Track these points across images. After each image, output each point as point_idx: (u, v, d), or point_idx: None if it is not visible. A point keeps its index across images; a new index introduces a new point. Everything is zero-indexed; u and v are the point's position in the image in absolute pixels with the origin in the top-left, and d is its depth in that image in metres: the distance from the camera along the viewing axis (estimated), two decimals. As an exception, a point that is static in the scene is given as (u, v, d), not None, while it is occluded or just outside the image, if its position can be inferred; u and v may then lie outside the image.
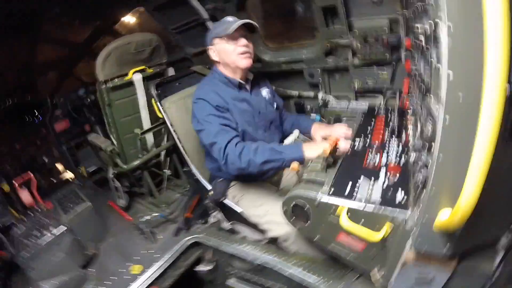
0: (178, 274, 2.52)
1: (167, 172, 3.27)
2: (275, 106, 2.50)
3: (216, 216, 2.56)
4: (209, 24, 2.99)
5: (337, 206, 1.41)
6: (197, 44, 3.25)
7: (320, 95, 3.02)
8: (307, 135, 2.49)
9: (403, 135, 2.00)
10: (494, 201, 0.79)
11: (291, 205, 1.59)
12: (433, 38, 0.96)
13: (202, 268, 2.58)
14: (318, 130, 2.40)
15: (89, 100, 3.88)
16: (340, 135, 2.04)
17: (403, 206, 1.30)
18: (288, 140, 2.30)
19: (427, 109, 1.01)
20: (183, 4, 2.90)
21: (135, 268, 2.45)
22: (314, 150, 1.82)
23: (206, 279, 2.70)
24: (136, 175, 3.25)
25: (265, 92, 2.45)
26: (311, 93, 3.11)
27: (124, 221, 3.13)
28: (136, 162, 2.92)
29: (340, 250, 1.54)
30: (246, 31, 2.15)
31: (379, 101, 2.86)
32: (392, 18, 2.40)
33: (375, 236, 1.30)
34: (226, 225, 2.52)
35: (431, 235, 1.07)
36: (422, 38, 1.27)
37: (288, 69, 3.06)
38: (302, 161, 1.83)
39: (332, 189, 1.49)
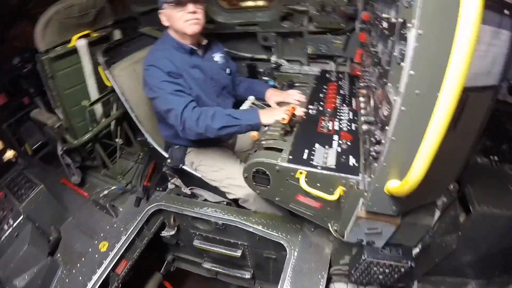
0: (145, 243, 2.59)
1: (119, 141, 3.12)
2: (227, 71, 2.52)
3: (174, 182, 2.63)
4: None
5: (295, 171, 1.58)
6: (145, 2, 3.08)
7: (273, 58, 3.11)
8: (261, 100, 2.56)
9: (353, 103, 2.25)
10: (435, 174, 1.02)
11: (252, 171, 1.73)
12: (399, 34, 1.11)
13: (167, 233, 2.69)
14: (273, 96, 2.48)
15: (25, 69, 3.43)
16: (295, 102, 2.23)
17: (354, 171, 1.53)
18: (244, 106, 2.33)
19: (385, 94, 1.20)
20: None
21: (102, 245, 2.43)
22: (270, 116, 1.93)
23: (171, 242, 2.86)
24: (87, 148, 3.10)
25: (218, 56, 2.45)
26: (264, 56, 3.18)
27: (81, 198, 3.03)
28: (87, 136, 2.74)
29: (299, 208, 1.76)
30: None
31: (330, 67, 3.08)
32: (351, -11, 2.55)
33: (330, 198, 1.53)
34: (186, 190, 2.61)
35: (381, 199, 1.33)
36: (385, 24, 1.44)
37: (242, 32, 3.06)
38: (258, 127, 1.95)
39: (291, 156, 1.65)
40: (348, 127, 1.92)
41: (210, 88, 2.35)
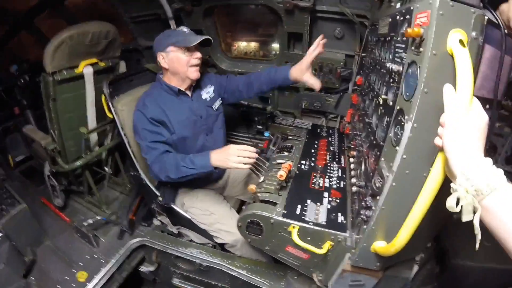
0: (124, 277, 2.57)
1: (109, 171, 3.16)
2: (215, 106, 2.56)
3: (161, 220, 2.66)
4: (172, 23, 3.01)
5: (288, 225, 1.71)
6: (150, 38, 3.15)
7: (269, 108, 3.33)
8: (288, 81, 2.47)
9: (342, 160, 2.44)
10: (416, 237, 1.19)
11: (247, 221, 1.84)
12: (395, 119, 1.32)
13: (146, 268, 2.69)
14: (300, 72, 2.38)
15: (22, 80, 3.44)
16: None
17: (343, 228, 1.68)
18: None
19: (379, 168, 1.39)
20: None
21: (81, 275, 2.38)
22: (222, 160, 2.03)
23: (149, 278, 2.84)
24: (75, 173, 3.07)
25: (205, 94, 2.51)
26: (259, 105, 3.40)
27: (62, 222, 2.96)
28: (79, 163, 2.75)
29: (287, 258, 1.87)
30: (198, 44, 2.22)
31: (321, 122, 3.32)
32: (349, 54, 2.89)
33: (319, 251, 1.65)
34: (172, 229, 2.65)
35: (367, 256, 1.49)
36: (381, 101, 1.65)
37: None
38: (212, 170, 2.10)
39: (285, 211, 1.78)
40: (337, 185, 2.09)
41: (200, 128, 2.43)
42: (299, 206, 1.81)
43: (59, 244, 2.74)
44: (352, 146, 2.27)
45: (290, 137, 2.80)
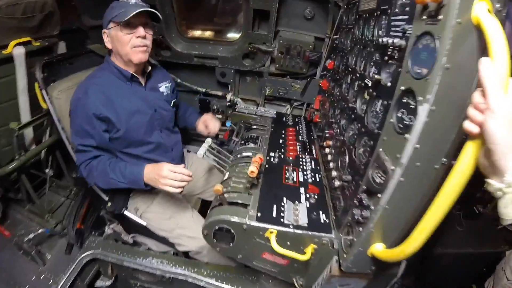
0: None
1: (49, 173, 2.76)
2: (172, 103, 2.38)
3: (114, 228, 2.35)
4: None
5: (265, 230, 1.51)
6: (98, 16, 2.83)
7: (229, 96, 3.08)
8: (193, 129, 2.57)
9: (313, 151, 2.30)
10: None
11: (214, 228, 1.61)
12: (398, 102, 1.15)
13: (102, 283, 2.35)
14: (202, 123, 2.50)
15: None
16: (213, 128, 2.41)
17: (327, 229, 1.52)
18: (200, 151, 2.11)
19: (379, 160, 1.22)
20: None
21: None
22: (155, 178, 1.87)
23: None
24: (10, 178, 2.65)
25: (163, 87, 2.32)
26: (219, 92, 3.13)
27: (1, 237, 2.59)
28: (12, 165, 2.37)
29: (263, 266, 1.68)
30: (148, 18, 1.99)
31: (285, 110, 3.15)
32: (319, 37, 2.70)
33: (302, 258, 1.48)
34: (127, 238, 2.35)
35: (362, 260, 1.32)
36: (368, 83, 1.50)
37: (199, 64, 2.98)
38: (144, 187, 1.94)
39: (260, 213, 1.57)
40: (313, 178, 1.93)
41: (153, 122, 2.18)
42: (274, 207, 1.62)
43: (1, 264, 2.38)
44: (327, 135, 2.11)
45: (254, 127, 2.61)
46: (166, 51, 2.92)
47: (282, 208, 1.62)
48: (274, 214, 1.57)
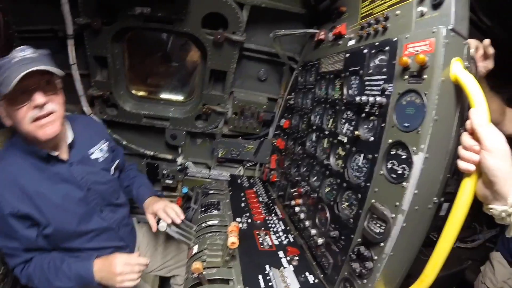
0: None
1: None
2: (112, 169, 2.08)
3: None
4: (70, 44, 2.38)
5: None
6: None
7: (180, 159, 3.05)
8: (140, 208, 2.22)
9: (277, 211, 2.38)
10: None
11: None
12: (386, 155, 1.30)
13: None
14: (150, 206, 2.11)
15: None
16: (166, 218, 2.00)
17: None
18: (163, 224, 1.99)
19: (376, 211, 1.32)
20: (51, 2, 2.23)
21: None
22: (109, 276, 1.70)
23: None
24: None
25: (97, 151, 1.99)
26: (168, 156, 3.07)
27: None
28: None
29: None
30: (48, 74, 1.59)
31: (238, 171, 3.22)
32: (272, 97, 2.91)
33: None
34: None
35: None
36: (344, 139, 1.67)
37: (148, 125, 2.90)
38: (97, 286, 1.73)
39: None
40: (287, 240, 1.99)
41: (88, 205, 1.86)
42: (260, 277, 1.60)
43: None
44: (295, 194, 2.20)
45: (212, 192, 2.60)
46: (113, 109, 2.80)
47: (269, 277, 1.60)
48: (262, 286, 1.55)
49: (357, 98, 1.48)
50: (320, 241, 1.72)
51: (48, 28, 2.39)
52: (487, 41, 1.35)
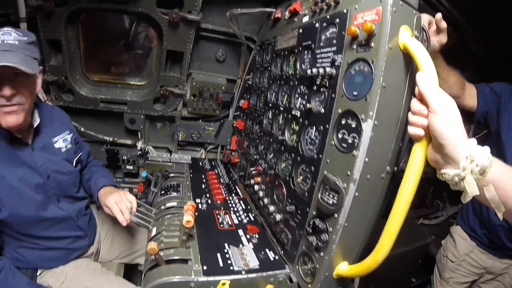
0: None
1: None
2: (74, 161, 1.98)
3: None
4: (22, 26, 2.19)
5: (216, 283, 1.42)
6: None
7: (140, 144, 2.92)
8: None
9: (238, 191, 2.35)
10: None
11: None
12: (337, 124, 1.26)
13: None
14: (104, 197, 1.92)
15: None
16: (117, 213, 1.82)
17: (280, 265, 1.53)
18: None
19: (329, 182, 1.29)
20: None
21: None
22: None
23: None
24: None
25: (61, 141, 1.90)
26: (128, 141, 2.94)
27: None
28: None
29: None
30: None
31: (200, 154, 3.14)
32: (230, 79, 2.84)
33: (263, 303, 1.42)
34: None
35: (330, 285, 1.33)
36: (297, 113, 1.64)
37: (105, 110, 2.74)
38: None
39: (205, 267, 1.47)
40: (247, 218, 1.95)
41: (46, 193, 1.76)
42: (219, 256, 1.55)
43: None
44: (253, 172, 2.16)
45: (172, 175, 2.51)
46: (69, 95, 2.62)
47: (228, 255, 1.56)
48: (221, 264, 1.50)
49: (309, 71, 1.44)
50: (278, 217, 1.69)
51: (2, 12, 2.21)
52: (439, 15, 1.35)
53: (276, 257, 1.59)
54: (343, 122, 1.24)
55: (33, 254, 1.78)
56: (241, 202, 2.17)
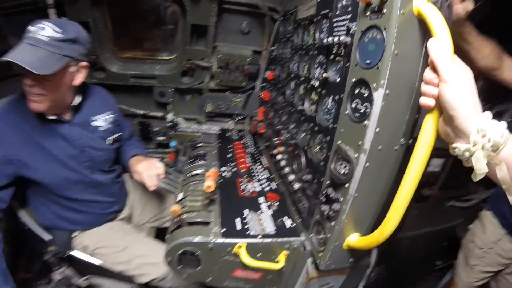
0: None
1: None
2: (109, 140, 2.05)
3: (63, 273, 2.09)
4: (51, 13, 2.31)
5: (233, 245, 1.48)
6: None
7: (170, 116, 3.02)
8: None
9: (263, 160, 2.36)
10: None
11: (178, 253, 1.52)
12: (351, 93, 1.23)
13: None
14: (135, 165, 2.05)
15: None
16: (148, 180, 1.93)
17: (295, 233, 1.56)
18: None
19: (341, 152, 1.28)
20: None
21: None
22: None
23: None
24: None
25: (100, 120, 1.98)
26: (158, 114, 3.05)
27: None
28: None
29: (236, 284, 1.62)
30: None
31: (228, 125, 3.19)
32: (256, 50, 2.82)
33: (277, 266, 1.48)
34: (79, 281, 2.10)
35: (339, 255, 1.35)
36: (315, 83, 1.61)
37: (136, 85, 2.86)
38: None
39: (224, 229, 1.54)
40: (270, 187, 1.97)
41: (79, 165, 1.88)
42: (238, 220, 1.61)
43: None
44: (277, 142, 2.18)
45: (200, 145, 2.58)
46: (100, 72, 2.75)
47: (246, 220, 1.61)
48: (239, 228, 1.55)
49: (325, 41, 1.41)
50: (297, 186, 1.71)
51: (29, 1, 2.29)
52: None
53: (293, 225, 1.61)
54: (356, 91, 1.20)
55: (69, 217, 1.96)
56: (265, 171, 2.19)
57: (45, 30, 1.51)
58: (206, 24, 2.51)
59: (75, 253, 2.03)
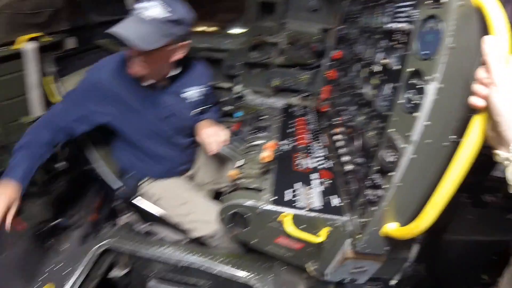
0: (93, 285, 2.25)
1: (62, 165, 2.62)
2: (194, 113, 2.20)
3: (128, 218, 2.42)
4: None
5: (279, 213, 1.58)
6: (105, 12, 2.82)
7: (238, 88, 3.15)
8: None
9: (323, 139, 2.37)
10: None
11: (230, 213, 1.67)
12: (406, 84, 1.22)
13: (116, 273, 2.40)
14: (201, 128, 2.16)
15: None
16: (211, 144, 2.03)
17: (340, 212, 1.60)
18: None
19: (391, 139, 1.30)
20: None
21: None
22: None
23: (121, 283, 2.57)
24: None
25: (191, 92, 2.12)
26: (226, 85, 3.19)
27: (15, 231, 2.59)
28: None
29: (277, 250, 1.75)
30: None
31: (293, 100, 3.22)
32: (325, 28, 2.78)
33: (318, 240, 1.56)
34: (141, 227, 2.41)
35: (375, 241, 1.39)
36: (378, 68, 1.58)
37: (206, 57, 2.93)
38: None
39: (274, 198, 1.64)
40: (324, 165, 2.01)
41: (162, 129, 2.10)
42: (288, 191, 1.69)
43: (16, 256, 2.35)
44: (338, 121, 2.19)
45: (264, 117, 2.68)
46: None
47: (295, 193, 1.69)
48: (288, 198, 1.65)
49: (388, 26, 1.38)
50: (349, 167, 1.74)
51: None
52: None
53: (339, 204, 1.66)
54: (411, 81, 1.18)
55: (141, 164, 2.22)
56: (323, 149, 2.22)
57: (153, 8, 1.59)
58: (275, 1, 2.52)
59: (140, 200, 2.31)
